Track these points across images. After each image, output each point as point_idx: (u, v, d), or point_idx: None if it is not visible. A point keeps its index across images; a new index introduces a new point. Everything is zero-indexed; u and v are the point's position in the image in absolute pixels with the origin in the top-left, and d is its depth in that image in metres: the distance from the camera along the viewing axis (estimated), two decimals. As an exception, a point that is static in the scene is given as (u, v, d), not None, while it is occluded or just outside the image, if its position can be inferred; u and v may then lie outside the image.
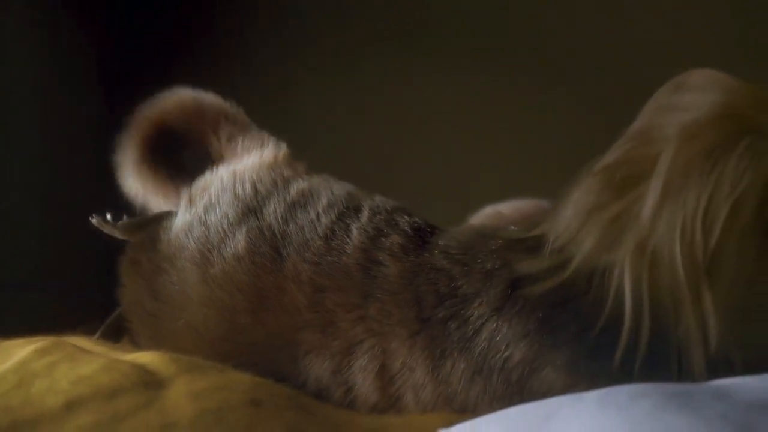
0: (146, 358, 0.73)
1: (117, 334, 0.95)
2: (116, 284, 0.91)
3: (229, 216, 0.85)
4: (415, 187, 1.63)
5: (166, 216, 0.88)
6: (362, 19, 1.77)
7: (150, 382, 0.68)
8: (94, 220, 0.87)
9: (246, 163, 0.92)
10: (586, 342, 0.71)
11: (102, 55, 1.64)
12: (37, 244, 1.34)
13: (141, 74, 1.70)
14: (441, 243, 0.81)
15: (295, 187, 0.88)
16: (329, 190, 0.88)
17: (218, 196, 0.87)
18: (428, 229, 0.84)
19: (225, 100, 1.02)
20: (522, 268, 0.75)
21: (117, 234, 0.87)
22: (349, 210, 0.85)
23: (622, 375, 0.69)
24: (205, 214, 0.86)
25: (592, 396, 0.60)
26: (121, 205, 0.97)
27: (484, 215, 1.13)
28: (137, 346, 0.88)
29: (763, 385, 0.59)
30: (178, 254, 0.84)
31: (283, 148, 0.96)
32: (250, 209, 0.85)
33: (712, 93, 0.72)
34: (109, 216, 0.88)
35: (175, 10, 1.71)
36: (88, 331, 0.98)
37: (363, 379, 0.78)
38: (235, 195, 0.86)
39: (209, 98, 1.01)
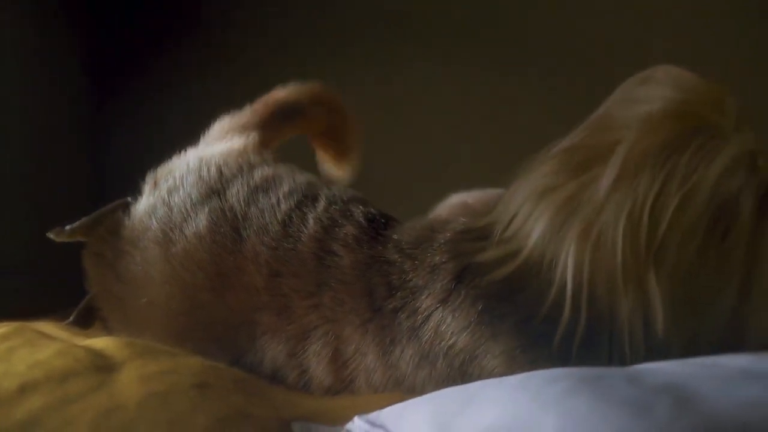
0: (102, 343, 0.76)
1: (89, 318, 0.99)
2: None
3: (193, 196, 0.88)
4: (400, 178, 1.66)
5: (120, 205, 0.91)
6: (344, 10, 1.79)
7: (103, 366, 0.71)
8: (51, 235, 0.90)
9: (214, 149, 0.95)
10: (526, 332, 0.73)
11: (88, 50, 1.67)
12: (17, 230, 1.37)
13: (127, 68, 1.73)
14: (395, 237, 0.83)
15: (259, 172, 0.91)
16: (292, 177, 0.91)
17: (183, 178, 0.90)
18: (382, 221, 0.87)
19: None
20: (471, 260, 0.78)
21: (76, 238, 0.91)
22: (306, 198, 0.87)
23: (561, 363, 0.71)
24: (168, 196, 0.89)
25: (512, 380, 0.62)
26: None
27: (450, 205, 1.15)
28: (108, 329, 0.92)
29: (675, 369, 0.62)
30: (142, 236, 0.87)
31: (254, 138, 0.99)
32: (214, 191, 0.88)
33: (674, 90, 0.74)
34: (67, 227, 0.91)
35: (162, 4, 1.73)
36: (65, 316, 1.02)
37: (317, 363, 0.81)
38: (200, 177, 0.89)
39: None
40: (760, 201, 0.70)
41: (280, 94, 1.06)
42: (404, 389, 0.79)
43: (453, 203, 1.14)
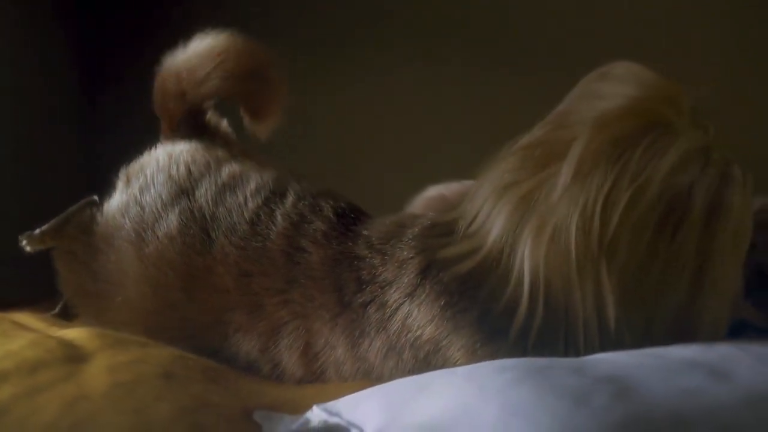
0: (75, 333, 0.78)
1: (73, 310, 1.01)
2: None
3: (163, 196, 0.89)
4: (392, 175, 1.67)
5: (88, 204, 0.93)
6: (331, 7, 1.80)
7: (73, 357, 0.73)
8: (23, 242, 0.92)
9: (181, 144, 0.97)
10: (485, 326, 0.75)
11: (77, 40, 1.68)
12: (7, 219, 1.39)
13: (117, 57, 1.75)
14: (364, 233, 0.85)
15: (226, 169, 0.92)
16: (259, 174, 0.92)
17: (153, 176, 0.91)
18: (352, 215, 0.88)
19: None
20: (436, 255, 0.79)
21: (47, 244, 0.92)
22: (274, 195, 0.89)
23: (519, 355, 0.73)
24: (140, 194, 0.90)
25: (462, 370, 0.64)
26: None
27: (427, 197, 1.16)
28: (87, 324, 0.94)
29: (622, 360, 0.63)
30: (115, 233, 0.89)
31: (222, 130, 1.00)
32: (183, 190, 0.90)
33: (630, 86, 0.75)
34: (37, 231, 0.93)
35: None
36: (51, 306, 1.04)
37: (289, 356, 0.83)
38: (170, 176, 0.91)
39: None
40: (712, 196, 0.71)
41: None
42: (373, 379, 0.81)
43: (430, 196, 1.16)
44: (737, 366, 0.60)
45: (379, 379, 0.81)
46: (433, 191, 1.15)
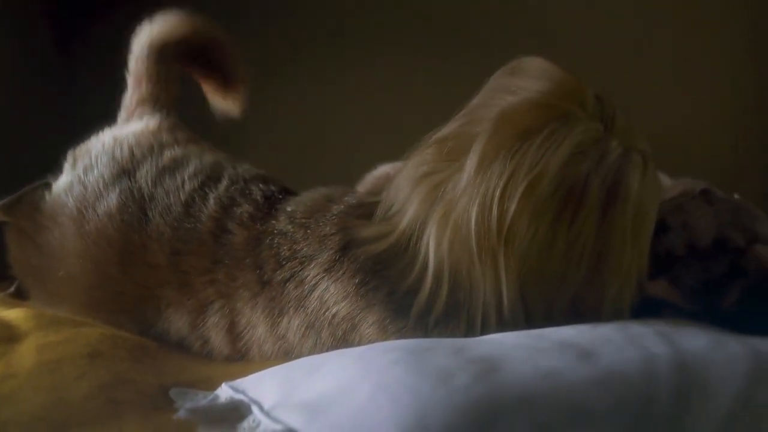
0: (14, 314, 0.83)
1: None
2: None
3: (105, 176, 0.93)
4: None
5: (42, 185, 0.97)
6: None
7: (7, 337, 0.78)
8: None
9: (130, 128, 1.01)
10: (393, 305, 0.79)
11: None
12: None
13: (89, 13, 1.76)
14: (288, 209, 0.89)
15: (169, 153, 0.96)
16: (199, 158, 0.96)
17: (98, 158, 0.96)
18: (280, 196, 0.92)
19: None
20: (354, 234, 0.83)
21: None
22: (210, 179, 0.93)
23: (422, 334, 0.77)
24: (84, 174, 0.94)
25: (353, 351, 0.68)
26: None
27: (375, 175, 1.20)
28: (34, 301, 0.99)
29: (505, 341, 0.67)
30: (60, 211, 0.93)
31: (170, 116, 1.04)
32: (125, 171, 0.94)
33: (536, 81, 0.79)
34: None
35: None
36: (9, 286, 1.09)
37: (216, 334, 0.87)
38: (113, 157, 0.95)
39: None
40: (609, 184, 0.74)
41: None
42: (293, 358, 0.85)
43: (378, 174, 1.20)
44: (606, 347, 0.64)
45: (300, 358, 0.85)
46: (381, 170, 1.19)
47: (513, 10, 1.77)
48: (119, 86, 1.09)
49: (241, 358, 0.87)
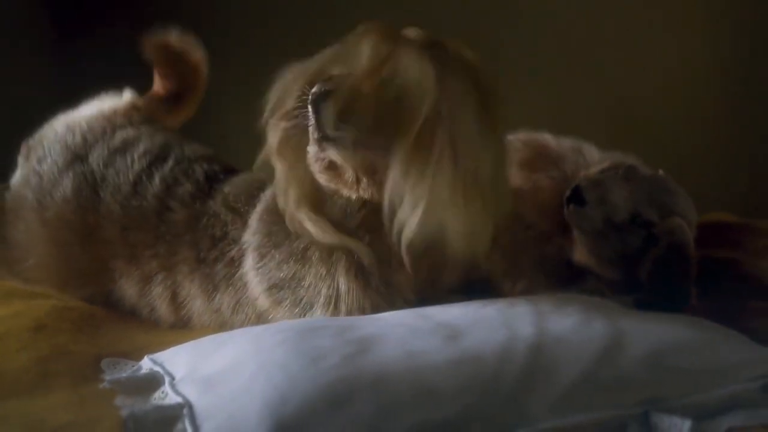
0: (-32, 288, 0.91)
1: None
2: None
3: (59, 164, 1.00)
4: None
5: (2, 189, 1.05)
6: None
7: (-41, 311, 0.86)
8: None
9: (82, 113, 1.07)
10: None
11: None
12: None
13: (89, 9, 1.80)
14: (225, 190, 0.95)
15: (121, 135, 1.02)
16: (150, 138, 1.02)
17: (50, 147, 1.02)
18: (222, 176, 0.98)
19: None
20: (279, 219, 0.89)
21: None
22: (158, 159, 0.99)
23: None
24: (38, 165, 1.01)
25: (253, 330, 0.75)
26: None
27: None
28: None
29: (387, 320, 0.73)
30: (20, 204, 1.00)
31: (125, 98, 1.10)
32: (77, 156, 1.00)
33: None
34: None
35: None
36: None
37: (160, 303, 0.95)
38: (66, 145, 1.01)
39: None
40: None
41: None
42: (229, 330, 0.92)
43: None
44: (478, 328, 0.70)
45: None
46: None
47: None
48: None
49: (185, 326, 0.95)
